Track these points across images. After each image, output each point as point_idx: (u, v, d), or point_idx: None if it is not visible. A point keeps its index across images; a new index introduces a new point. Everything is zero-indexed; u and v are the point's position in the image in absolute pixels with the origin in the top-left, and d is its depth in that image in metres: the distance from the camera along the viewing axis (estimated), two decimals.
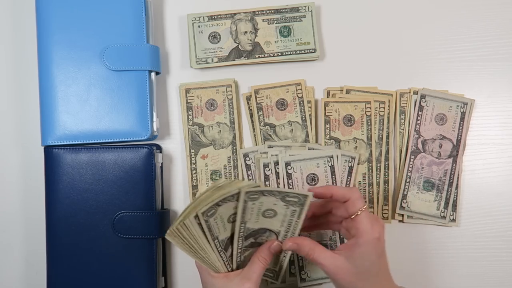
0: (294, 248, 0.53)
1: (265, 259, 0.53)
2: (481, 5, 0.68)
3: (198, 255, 0.51)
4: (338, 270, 0.51)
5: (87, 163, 0.61)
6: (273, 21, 0.66)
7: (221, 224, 0.50)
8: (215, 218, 0.48)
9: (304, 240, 0.53)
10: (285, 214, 0.51)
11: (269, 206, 0.50)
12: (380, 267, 0.51)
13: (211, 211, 0.47)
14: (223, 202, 0.47)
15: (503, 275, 0.65)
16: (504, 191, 0.66)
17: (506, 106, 0.68)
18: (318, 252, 0.52)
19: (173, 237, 0.48)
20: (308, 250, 0.52)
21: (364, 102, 0.65)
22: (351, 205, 0.51)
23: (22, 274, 0.65)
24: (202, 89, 0.66)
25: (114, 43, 0.62)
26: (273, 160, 0.63)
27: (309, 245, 0.52)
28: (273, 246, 0.54)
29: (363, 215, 0.51)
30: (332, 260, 0.51)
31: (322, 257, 0.51)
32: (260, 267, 0.52)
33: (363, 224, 0.50)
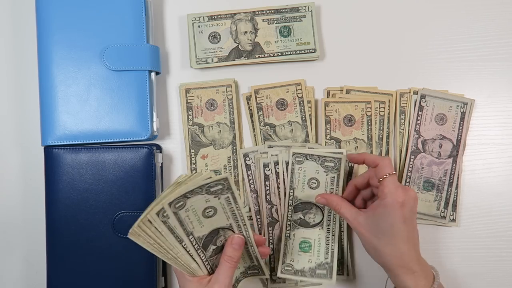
0: (323, 202, 0.59)
1: (231, 257, 0.52)
2: (481, 5, 0.68)
3: (169, 256, 0.49)
4: (358, 224, 0.56)
5: (87, 163, 0.61)
6: (273, 21, 0.66)
7: (195, 218, 0.48)
8: (186, 211, 0.47)
9: (332, 196, 0.59)
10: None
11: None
12: (401, 232, 0.53)
13: (179, 203, 0.45)
14: (191, 194, 0.46)
15: (503, 275, 0.65)
16: (504, 191, 0.66)
17: (506, 106, 0.68)
18: (344, 207, 0.58)
19: (137, 237, 0.46)
20: (335, 204, 0.58)
21: (364, 102, 0.65)
22: (379, 170, 0.55)
23: (22, 274, 0.66)
24: (202, 89, 0.66)
25: (114, 43, 0.62)
26: (273, 160, 0.63)
27: (337, 200, 0.58)
28: (235, 240, 0.53)
29: (389, 179, 0.54)
30: (355, 215, 0.56)
31: (347, 212, 0.57)
32: (227, 267, 0.52)
33: (387, 187, 0.53)
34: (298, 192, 0.61)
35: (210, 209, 0.50)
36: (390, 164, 0.55)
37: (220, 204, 0.50)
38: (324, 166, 0.55)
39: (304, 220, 0.62)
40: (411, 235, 0.54)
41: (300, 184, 0.58)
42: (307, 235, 0.62)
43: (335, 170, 0.57)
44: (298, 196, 0.61)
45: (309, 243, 0.61)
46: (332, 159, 0.60)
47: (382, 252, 0.54)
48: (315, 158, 0.60)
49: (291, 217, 0.61)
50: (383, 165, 0.55)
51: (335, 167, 0.55)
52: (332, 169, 0.55)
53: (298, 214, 0.62)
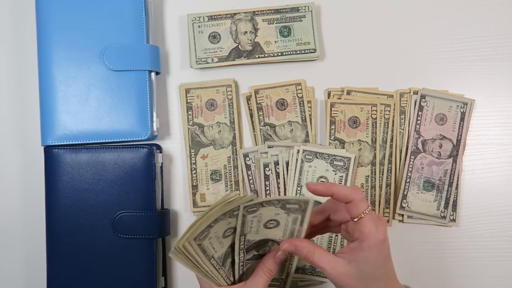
0: (292, 249, 0.49)
1: (270, 270, 0.50)
2: (481, 5, 0.68)
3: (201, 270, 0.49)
4: (340, 275, 0.47)
5: (87, 163, 0.61)
6: (273, 21, 0.66)
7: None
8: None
9: (302, 242, 0.49)
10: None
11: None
12: (386, 270, 0.48)
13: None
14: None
15: (503, 275, 0.65)
16: (504, 191, 0.66)
17: (506, 106, 0.68)
18: (318, 255, 0.48)
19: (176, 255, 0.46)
20: (306, 252, 0.48)
21: (370, 105, 0.65)
22: (354, 208, 0.47)
23: (22, 274, 0.65)
24: (202, 89, 0.66)
25: (114, 43, 0.62)
26: (273, 160, 0.63)
27: (307, 247, 0.48)
28: (278, 255, 0.50)
29: (367, 217, 0.47)
30: (334, 264, 0.48)
31: (323, 260, 0.48)
32: (264, 279, 0.49)
33: (368, 227, 0.47)
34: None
35: (274, 221, 0.48)
36: (364, 198, 0.48)
37: (286, 220, 0.48)
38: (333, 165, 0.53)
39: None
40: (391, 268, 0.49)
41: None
42: None
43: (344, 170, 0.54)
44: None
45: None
46: (341, 158, 0.59)
47: None
48: (324, 157, 0.59)
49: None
50: (358, 200, 0.47)
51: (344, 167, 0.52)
52: (341, 168, 0.52)
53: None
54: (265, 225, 0.49)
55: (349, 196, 0.47)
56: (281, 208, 0.46)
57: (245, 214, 0.46)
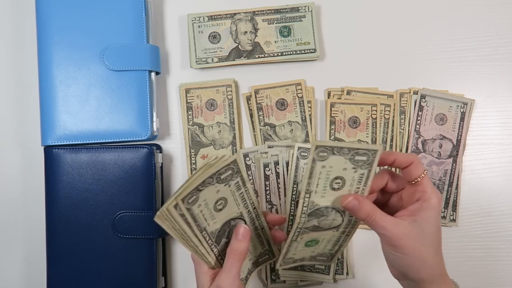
0: (355, 204, 0.46)
1: (234, 250, 0.49)
2: (481, 5, 0.68)
3: (190, 244, 0.47)
4: (402, 235, 0.45)
5: (87, 163, 0.61)
6: (273, 21, 0.66)
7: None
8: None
9: (365, 200, 0.46)
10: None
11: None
12: (438, 239, 0.48)
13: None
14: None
15: (503, 275, 0.65)
16: (504, 191, 0.66)
17: (506, 106, 0.68)
18: (380, 215, 0.46)
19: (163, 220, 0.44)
20: (370, 210, 0.46)
21: (370, 105, 0.65)
22: (414, 169, 0.47)
23: (22, 274, 0.66)
24: (202, 89, 0.66)
25: (114, 43, 0.62)
26: (273, 160, 0.63)
27: (370, 205, 0.46)
28: (239, 232, 0.49)
29: (427, 178, 0.48)
30: (396, 224, 0.46)
31: (384, 220, 0.46)
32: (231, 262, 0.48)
33: (429, 186, 0.47)
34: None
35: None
36: (421, 162, 0.49)
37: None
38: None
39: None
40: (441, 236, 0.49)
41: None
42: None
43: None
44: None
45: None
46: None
47: (429, 264, 0.46)
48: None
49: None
50: (418, 163, 0.48)
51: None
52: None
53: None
54: (331, 184, 0.45)
55: (410, 158, 0.47)
56: (350, 161, 0.44)
57: (315, 158, 0.41)
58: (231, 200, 0.49)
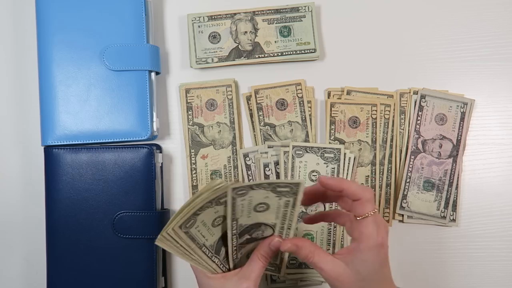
0: (293, 250, 0.50)
1: (265, 257, 0.51)
2: (481, 5, 0.68)
3: (193, 258, 0.49)
4: (338, 276, 0.48)
5: (87, 163, 0.61)
6: (273, 21, 0.66)
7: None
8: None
9: (305, 242, 0.49)
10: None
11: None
12: (383, 275, 0.49)
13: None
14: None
15: (503, 275, 0.65)
16: (504, 191, 0.66)
17: (506, 106, 0.68)
18: (318, 256, 0.49)
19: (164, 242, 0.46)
20: (308, 252, 0.49)
21: (370, 105, 0.65)
22: (359, 206, 0.47)
23: (22, 274, 0.66)
24: (202, 89, 0.66)
25: (114, 43, 0.62)
26: (273, 160, 0.63)
27: (309, 248, 0.49)
28: (274, 243, 0.50)
29: (370, 219, 0.47)
30: (332, 265, 0.48)
31: (322, 261, 0.48)
32: (260, 266, 0.50)
33: (368, 229, 0.47)
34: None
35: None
36: (372, 200, 0.48)
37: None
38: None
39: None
40: (388, 272, 0.50)
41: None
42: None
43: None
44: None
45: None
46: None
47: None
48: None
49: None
50: (365, 200, 0.47)
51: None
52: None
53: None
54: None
55: (358, 194, 0.47)
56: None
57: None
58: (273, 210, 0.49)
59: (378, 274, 0.48)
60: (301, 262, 0.59)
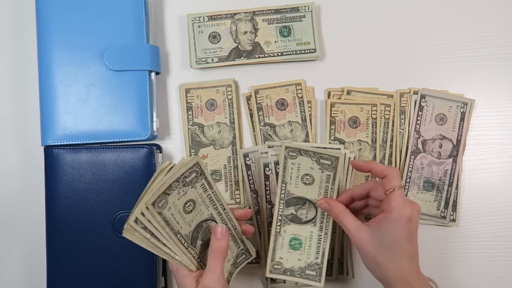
0: (326, 207, 0.56)
1: (216, 249, 0.51)
2: (481, 5, 0.68)
3: (164, 252, 0.49)
4: (361, 238, 0.52)
5: (87, 163, 0.61)
6: (273, 21, 0.66)
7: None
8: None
9: (337, 203, 0.55)
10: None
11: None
12: (406, 248, 0.51)
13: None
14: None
15: (503, 275, 0.65)
16: (504, 191, 0.66)
17: (506, 106, 0.68)
18: (347, 218, 0.54)
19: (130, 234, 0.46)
20: (338, 212, 0.55)
21: (370, 105, 0.65)
22: (387, 182, 0.52)
23: (22, 274, 0.66)
24: (202, 89, 0.66)
25: (114, 43, 0.62)
26: (273, 160, 0.63)
27: (340, 208, 0.55)
28: (217, 231, 0.51)
29: (397, 193, 0.51)
30: (358, 228, 0.53)
31: (350, 223, 0.54)
32: (215, 260, 0.50)
33: (395, 200, 0.51)
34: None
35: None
36: (399, 176, 0.53)
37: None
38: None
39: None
40: (414, 251, 0.52)
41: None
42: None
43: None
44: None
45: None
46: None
47: (385, 269, 0.52)
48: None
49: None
50: (391, 176, 0.52)
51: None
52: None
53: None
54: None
55: (385, 171, 0.53)
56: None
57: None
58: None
59: (400, 246, 0.51)
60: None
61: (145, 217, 0.45)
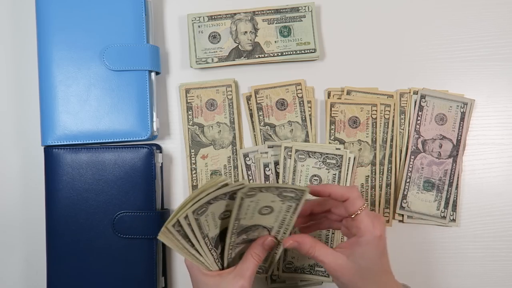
0: (295, 246, 0.52)
1: (258, 255, 0.52)
2: (481, 5, 0.68)
3: (190, 254, 0.50)
4: (339, 268, 0.50)
5: (87, 163, 0.61)
6: (273, 21, 0.66)
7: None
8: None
9: (305, 238, 0.52)
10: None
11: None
12: (382, 266, 0.51)
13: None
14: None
15: (503, 275, 0.65)
16: (504, 191, 0.66)
17: (506, 106, 0.68)
18: (319, 250, 0.51)
19: (165, 237, 0.47)
20: (308, 248, 0.52)
21: (370, 105, 0.65)
22: (350, 205, 0.50)
23: (22, 274, 0.66)
24: (202, 89, 0.66)
25: (114, 43, 0.62)
26: (273, 160, 0.63)
27: (309, 243, 0.52)
28: (267, 242, 0.52)
29: (364, 213, 0.50)
30: (333, 258, 0.51)
31: (323, 254, 0.51)
32: (253, 264, 0.51)
33: (364, 223, 0.50)
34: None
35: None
36: (360, 195, 0.51)
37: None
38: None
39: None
40: (387, 264, 0.52)
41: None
42: None
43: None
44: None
45: None
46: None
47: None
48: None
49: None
50: (353, 198, 0.50)
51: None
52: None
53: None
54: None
55: (345, 194, 0.50)
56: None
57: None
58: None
59: (377, 265, 0.50)
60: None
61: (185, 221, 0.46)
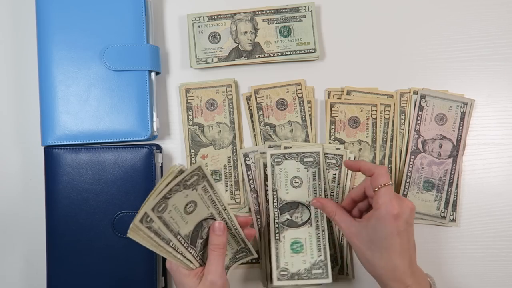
0: (319, 206, 0.59)
1: (216, 245, 0.52)
2: (481, 5, 0.68)
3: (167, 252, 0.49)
4: (352, 235, 0.55)
5: (87, 163, 0.61)
6: (273, 21, 0.66)
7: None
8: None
9: (328, 202, 0.58)
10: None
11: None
12: (395, 245, 0.51)
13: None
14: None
15: (503, 275, 0.65)
16: (504, 191, 0.66)
17: (506, 106, 0.68)
18: (339, 215, 0.57)
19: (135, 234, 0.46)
20: (330, 210, 0.57)
21: (370, 105, 0.65)
22: (374, 180, 0.53)
23: (22, 274, 0.66)
24: (202, 89, 0.66)
25: (114, 43, 0.62)
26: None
27: (332, 207, 0.57)
28: (215, 228, 0.53)
29: (384, 190, 0.52)
30: (349, 224, 0.55)
31: (341, 219, 0.56)
32: (216, 256, 0.52)
33: (382, 198, 0.51)
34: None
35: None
36: (386, 174, 0.52)
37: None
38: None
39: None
40: (405, 248, 0.52)
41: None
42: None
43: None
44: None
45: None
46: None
47: (375, 265, 0.52)
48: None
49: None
50: (378, 174, 0.52)
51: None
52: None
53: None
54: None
55: (372, 169, 0.54)
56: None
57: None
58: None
59: (388, 243, 0.51)
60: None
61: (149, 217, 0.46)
